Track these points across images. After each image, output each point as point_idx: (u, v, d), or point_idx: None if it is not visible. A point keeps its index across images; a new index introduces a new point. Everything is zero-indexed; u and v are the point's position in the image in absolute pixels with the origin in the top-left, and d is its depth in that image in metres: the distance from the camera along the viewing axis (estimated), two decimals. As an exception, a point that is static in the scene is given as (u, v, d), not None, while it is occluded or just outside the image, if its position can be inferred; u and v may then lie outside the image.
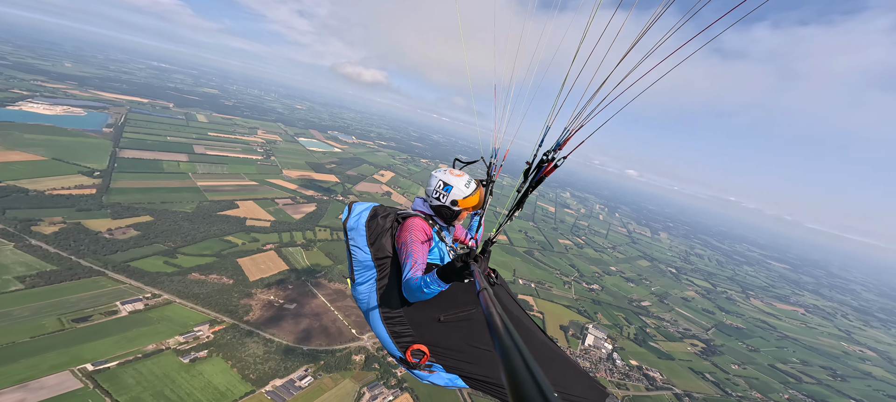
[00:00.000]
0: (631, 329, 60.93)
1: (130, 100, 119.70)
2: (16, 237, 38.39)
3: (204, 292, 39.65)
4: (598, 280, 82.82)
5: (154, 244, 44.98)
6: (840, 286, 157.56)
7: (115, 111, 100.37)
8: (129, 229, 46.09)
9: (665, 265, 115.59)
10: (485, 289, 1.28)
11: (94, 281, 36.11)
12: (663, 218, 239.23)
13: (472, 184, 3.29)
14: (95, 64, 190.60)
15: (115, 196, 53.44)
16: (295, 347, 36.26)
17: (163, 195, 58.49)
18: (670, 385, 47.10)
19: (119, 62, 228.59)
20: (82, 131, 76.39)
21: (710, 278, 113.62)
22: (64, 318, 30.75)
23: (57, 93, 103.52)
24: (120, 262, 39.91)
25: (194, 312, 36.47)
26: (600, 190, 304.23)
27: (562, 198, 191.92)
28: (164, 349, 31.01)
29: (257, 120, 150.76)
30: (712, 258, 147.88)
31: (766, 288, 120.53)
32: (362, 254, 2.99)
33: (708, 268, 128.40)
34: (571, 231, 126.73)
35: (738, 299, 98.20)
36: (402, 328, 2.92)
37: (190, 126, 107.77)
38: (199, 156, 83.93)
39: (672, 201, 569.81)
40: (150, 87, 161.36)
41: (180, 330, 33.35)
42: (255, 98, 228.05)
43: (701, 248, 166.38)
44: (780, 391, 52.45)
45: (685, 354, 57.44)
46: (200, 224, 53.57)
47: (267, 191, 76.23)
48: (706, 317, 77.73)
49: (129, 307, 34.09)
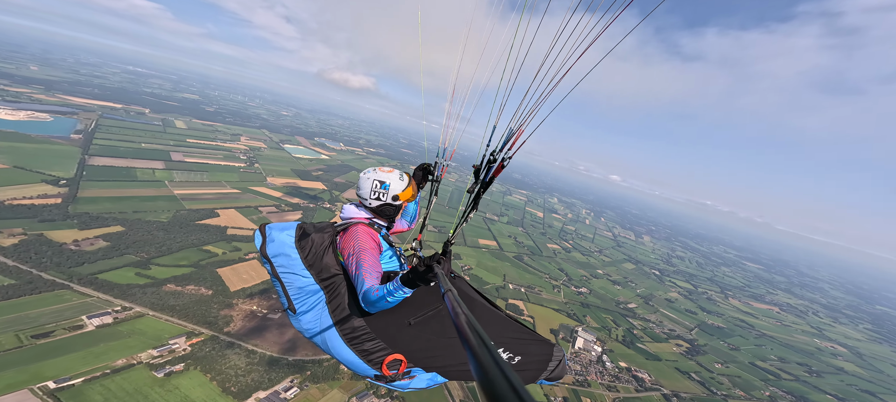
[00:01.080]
0: (619, 331, 62.84)
1: (102, 105, 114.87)
2: (-31, 250, 35.87)
3: (180, 304, 38.11)
4: (586, 283, 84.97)
5: (125, 255, 42.97)
6: (810, 285, 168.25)
7: (84, 117, 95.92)
8: (97, 240, 43.87)
9: (649, 268, 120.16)
10: (449, 290, 1.31)
11: (57, 295, 34.06)
12: (646, 222, 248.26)
13: (404, 177, 3.31)
14: (64, 67, 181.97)
15: (83, 205, 50.86)
16: (279, 357, 35.29)
17: (136, 204, 56.13)
18: (658, 386, 48.53)
19: (91, 66, 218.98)
20: (48, 138, 72.54)
21: (691, 280, 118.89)
22: (22, 334, 28.82)
23: (21, 97, 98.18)
24: (86, 274, 37.88)
25: (169, 324, 34.97)
26: (586, 195, 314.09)
27: (549, 203, 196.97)
28: (136, 363, 29.54)
29: (240, 126, 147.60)
30: (693, 260, 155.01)
31: (743, 288, 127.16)
32: (302, 279, 2.74)
33: (689, 270, 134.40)
34: (560, 236, 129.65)
35: (718, 299, 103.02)
36: (371, 344, 2.73)
37: (167, 132, 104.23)
38: (177, 163, 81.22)
39: (653, 205, 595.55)
40: (124, 91, 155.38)
41: (154, 344, 31.87)
42: (238, 104, 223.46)
43: (682, 250, 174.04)
44: (762, 389, 55.02)
45: (671, 354, 59.53)
46: (177, 234, 51.65)
47: (250, 199, 74.47)
48: (689, 317, 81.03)
49: (97, 321, 32.33)
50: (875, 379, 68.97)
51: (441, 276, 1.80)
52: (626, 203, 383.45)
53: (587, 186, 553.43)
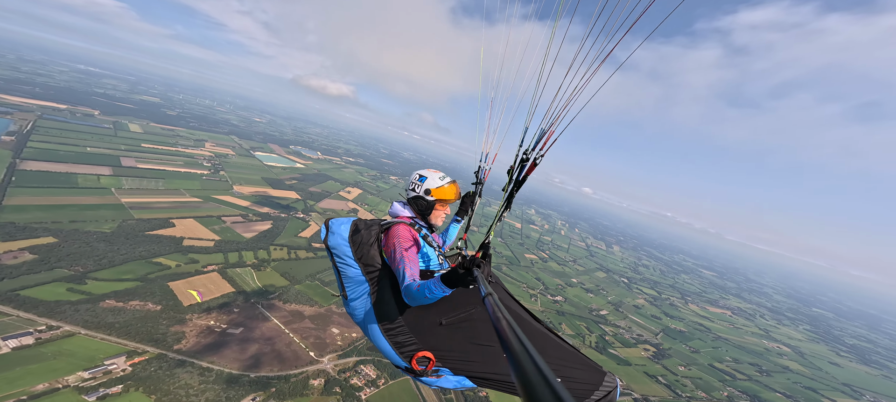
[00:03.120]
0: (592, 338, 65.67)
1: (44, 105, 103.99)
2: None
3: (120, 321, 34.59)
4: (561, 292, 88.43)
5: (55, 270, 38.48)
6: (756, 290, 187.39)
7: (20, 117, 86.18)
8: (22, 253, 38.95)
9: (618, 276, 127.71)
10: (490, 294, 1.30)
11: (-36, 314, 29.54)
12: (616, 232, 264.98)
13: (446, 178, 3.41)
14: (2, 64, 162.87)
15: (8, 215, 45.19)
16: (240, 374, 33.04)
17: (73, 213, 50.80)
18: (629, 391, 50.80)
19: (35, 64, 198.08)
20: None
21: (655, 286, 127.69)
22: (-87, 359, 24.50)
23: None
24: (5, 291, 33.39)
25: (105, 343, 31.53)
26: (561, 207, 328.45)
27: (527, 215, 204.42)
28: (61, 387, 26.17)
29: (206, 132, 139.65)
30: (656, 268, 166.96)
31: (700, 293, 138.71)
32: (352, 270, 3.00)
33: (653, 277, 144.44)
34: (537, 246, 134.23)
35: (679, 304, 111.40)
36: (404, 338, 2.92)
37: (118, 136, 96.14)
38: (128, 169, 74.88)
39: (621, 216, 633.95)
40: (71, 91, 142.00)
41: (85, 365, 28.48)
42: (205, 108, 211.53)
43: (647, 259, 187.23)
44: (720, 390, 58.90)
45: (640, 358, 62.71)
46: (121, 245, 47.23)
47: (212, 208, 70.08)
48: (655, 323, 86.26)
49: (14, 343, 28.38)
50: (816, 377, 76.44)
51: (481, 279, 1.81)
52: (598, 215, 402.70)
53: (562, 198, 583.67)
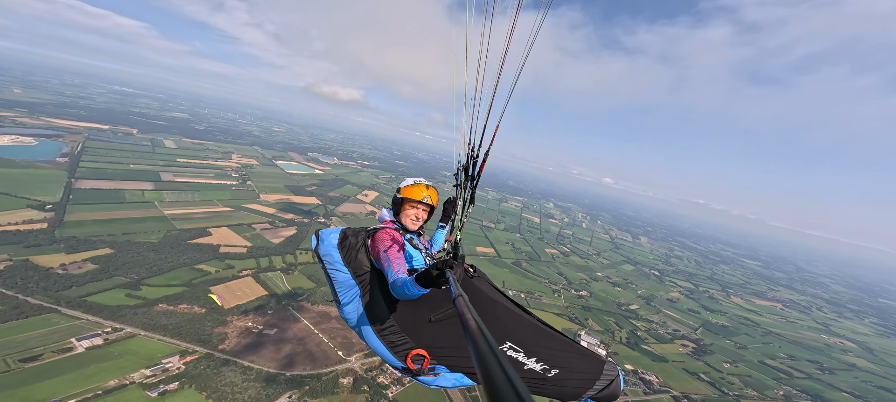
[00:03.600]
0: (622, 333, 63.36)
1: (89, 127, 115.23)
2: (-48, 277, 35.60)
3: (172, 323, 37.93)
4: (586, 287, 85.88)
5: (114, 277, 42.81)
6: (810, 280, 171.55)
7: (70, 139, 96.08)
8: (85, 263, 43.71)
9: (648, 268, 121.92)
10: (460, 295, 1.35)
11: (44, 319, 33.77)
12: (642, 223, 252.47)
13: (418, 181, 3.61)
14: (49, 89, 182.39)
15: (70, 229, 50.76)
16: (277, 373, 35.13)
17: (125, 226, 56.11)
18: (667, 388, 48.53)
19: (76, 87, 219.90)
20: (32, 162, 72.54)
21: (691, 279, 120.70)
22: (9, 359, 28.51)
23: (4, 121, 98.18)
24: (75, 297, 37.65)
25: (162, 343, 34.75)
26: (581, 199, 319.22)
27: (545, 208, 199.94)
28: (129, 383, 29.25)
29: (232, 144, 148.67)
30: (691, 259, 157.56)
31: (744, 285, 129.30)
32: (343, 275, 3.11)
33: (688, 269, 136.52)
34: (557, 240, 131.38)
35: (720, 297, 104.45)
36: (396, 337, 2.98)
37: (156, 153, 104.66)
38: (167, 183, 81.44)
39: (647, 206, 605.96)
40: (111, 112, 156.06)
41: (146, 363, 31.62)
42: (228, 122, 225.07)
43: (679, 250, 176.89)
44: (774, 388, 54.76)
45: (677, 355, 59.78)
46: (168, 254, 51.61)
47: (243, 216, 74.69)
48: (693, 317, 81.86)
49: (86, 343, 32.06)
50: (890, 375, 69.13)
51: (453, 280, 1.90)
52: (622, 205, 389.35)
53: (582, 189, 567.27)
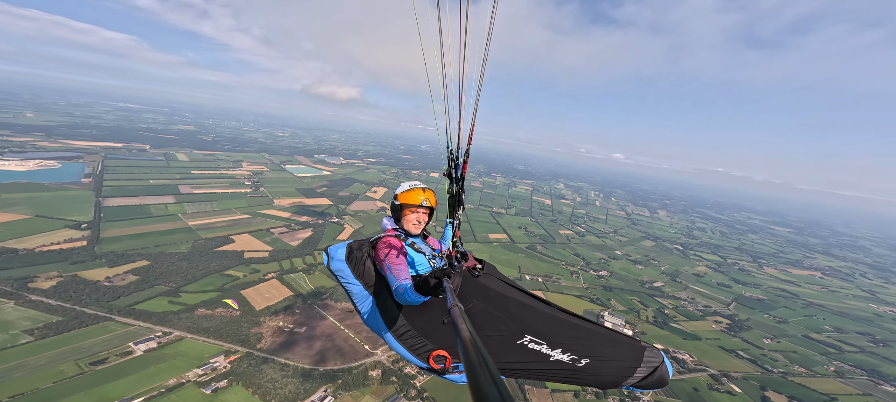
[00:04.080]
0: (648, 312, 63.01)
1: (103, 146, 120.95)
2: (14, 295, 39.68)
3: (213, 326, 41.14)
4: (605, 266, 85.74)
5: (155, 286, 46.41)
6: (849, 244, 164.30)
7: (90, 159, 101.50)
8: (127, 275, 47.49)
9: (670, 243, 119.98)
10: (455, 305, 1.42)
11: (102, 327, 37.46)
12: (658, 196, 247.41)
13: (414, 184, 3.64)
14: (58, 111, 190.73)
15: (108, 245, 54.78)
16: (311, 369, 37.65)
17: (156, 239, 59.96)
18: (703, 366, 47.32)
19: (83, 107, 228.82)
20: (61, 185, 77.47)
21: (717, 251, 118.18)
22: (81, 362, 32.14)
23: (25, 146, 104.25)
24: (124, 306, 41.30)
25: (207, 345, 37.94)
26: (592, 177, 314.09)
27: (556, 189, 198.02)
28: (185, 382, 32.45)
29: (240, 152, 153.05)
30: (715, 231, 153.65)
31: (777, 255, 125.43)
32: (356, 287, 3.26)
33: (713, 241, 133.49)
34: (571, 221, 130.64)
35: (751, 269, 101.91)
36: (415, 341, 3.09)
37: (171, 166, 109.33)
38: (187, 196, 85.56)
39: (663, 178, 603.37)
40: (121, 130, 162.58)
41: (197, 363, 34.80)
42: (233, 130, 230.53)
43: (701, 221, 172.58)
44: (824, 364, 52.17)
45: (711, 332, 58.36)
46: (198, 262, 55.08)
47: (261, 222, 78.01)
48: (723, 291, 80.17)
49: (143, 347, 35.52)
50: None
51: (449, 291, 1.93)
52: (636, 180, 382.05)
53: (592, 167, 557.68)
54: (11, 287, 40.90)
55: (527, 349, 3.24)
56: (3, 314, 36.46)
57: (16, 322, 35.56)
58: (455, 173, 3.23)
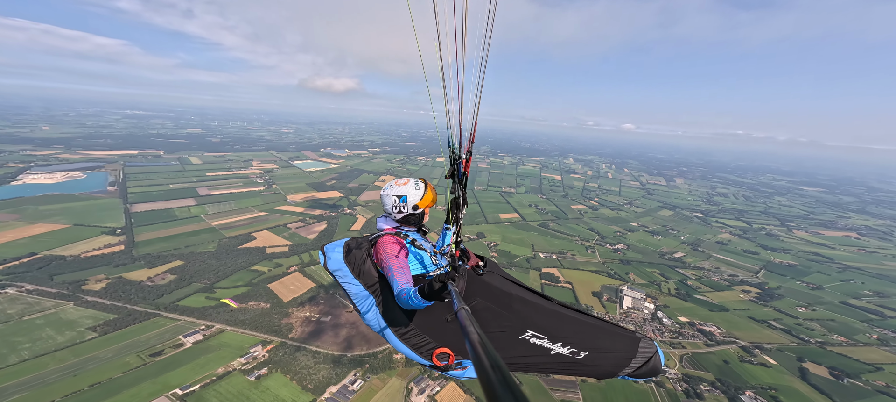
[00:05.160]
0: (670, 284, 62.46)
1: (120, 154, 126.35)
2: (72, 297, 44.25)
3: (248, 318, 44.66)
4: (621, 239, 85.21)
5: (192, 284, 50.28)
6: (887, 201, 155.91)
7: (110, 168, 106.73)
8: (166, 275, 51.57)
9: (689, 211, 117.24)
10: (462, 308, 1.46)
11: (153, 322, 41.58)
12: (674, 164, 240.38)
13: (420, 185, 3.57)
14: (71, 122, 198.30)
15: (144, 248, 59.06)
16: (340, 355, 40.51)
17: (185, 240, 63.94)
18: (732, 338, 46.20)
19: (93, 117, 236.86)
20: (90, 194, 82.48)
21: (742, 217, 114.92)
22: (142, 354, 36.30)
23: (49, 159, 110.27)
24: (168, 303, 45.35)
25: (246, 336, 41.51)
26: (603, 149, 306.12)
27: (565, 164, 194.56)
28: (231, 370, 36.09)
29: (249, 151, 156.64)
30: (738, 195, 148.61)
31: (807, 216, 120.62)
32: (355, 287, 3.22)
33: (736, 206, 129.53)
34: (583, 195, 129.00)
35: (780, 233, 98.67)
36: (418, 340, 3.13)
37: (186, 170, 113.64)
38: (205, 197, 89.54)
39: (678, 146, 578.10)
40: (133, 137, 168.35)
41: (239, 353, 38.38)
42: (239, 130, 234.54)
43: (722, 186, 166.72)
44: (865, 331, 49.67)
45: (739, 302, 56.99)
46: (225, 259, 58.70)
47: (277, 218, 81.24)
48: (750, 259, 78.03)
49: (191, 339, 39.39)
50: None
51: (455, 294, 1.96)
52: (649, 149, 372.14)
53: (602, 140, 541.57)
54: (68, 290, 45.48)
55: (529, 344, 3.36)
56: (66, 314, 41.00)
57: (79, 321, 40.02)
58: (458, 174, 3.20)
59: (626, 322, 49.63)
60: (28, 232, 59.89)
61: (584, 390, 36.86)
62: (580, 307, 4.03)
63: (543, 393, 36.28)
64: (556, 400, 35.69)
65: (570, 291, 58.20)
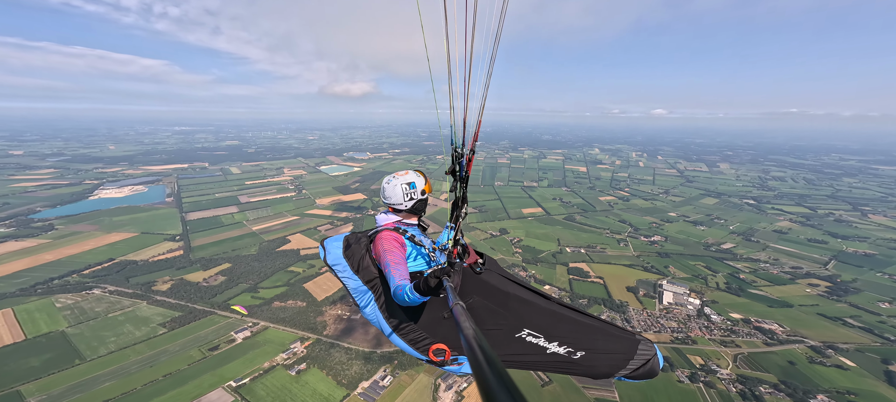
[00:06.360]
0: (718, 278, 57.70)
1: (174, 168, 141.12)
2: (144, 296, 50.82)
3: (288, 316, 48.12)
4: (658, 231, 79.90)
5: (239, 285, 55.25)
6: None
7: (167, 181, 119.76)
8: (217, 276, 57.18)
9: (738, 198, 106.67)
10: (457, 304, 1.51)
11: (210, 319, 46.51)
12: (717, 148, 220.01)
13: (418, 173, 3.72)
14: (131, 141, 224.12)
15: (199, 252, 65.91)
16: (371, 352, 42.23)
17: (231, 244, 70.28)
18: (799, 337, 42.06)
19: (148, 134, 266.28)
20: (152, 206, 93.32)
21: (803, 202, 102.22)
22: (202, 348, 40.93)
23: (118, 176, 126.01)
24: (221, 301, 50.38)
25: (286, 332, 44.88)
26: (632, 137, 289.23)
27: (591, 155, 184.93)
28: (276, 365, 39.32)
29: (280, 159, 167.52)
30: (798, 178, 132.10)
31: (885, 199, 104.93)
32: (354, 282, 3.24)
33: (796, 190, 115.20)
34: (611, 186, 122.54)
35: (852, 219, 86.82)
36: (416, 335, 3.17)
37: (228, 180, 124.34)
38: (246, 204, 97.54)
39: (720, 128, 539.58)
40: (183, 151, 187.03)
41: (281, 349, 41.64)
42: (270, 139, 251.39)
43: (778, 170, 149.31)
44: None
45: (805, 297, 51.65)
46: (266, 262, 63.56)
47: (308, 222, 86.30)
48: (817, 249, 69.80)
49: (241, 336, 43.51)
50: None
51: (450, 290, 1.99)
52: (685, 135, 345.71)
53: (631, 127, 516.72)
54: (141, 290, 52.19)
55: (525, 343, 3.36)
56: (141, 312, 47.21)
57: (151, 317, 45.88)
58: (459, 171, 3.21)
59: (667, 319, 46.90)
60: (106, 240, 69.25)
61: (620, 388, 35.13)
62: (580, 307, 4.17)
63: (576, 391, 35.15)
64: (591, 399, 34.37)
65: (601, 286, 55.66)
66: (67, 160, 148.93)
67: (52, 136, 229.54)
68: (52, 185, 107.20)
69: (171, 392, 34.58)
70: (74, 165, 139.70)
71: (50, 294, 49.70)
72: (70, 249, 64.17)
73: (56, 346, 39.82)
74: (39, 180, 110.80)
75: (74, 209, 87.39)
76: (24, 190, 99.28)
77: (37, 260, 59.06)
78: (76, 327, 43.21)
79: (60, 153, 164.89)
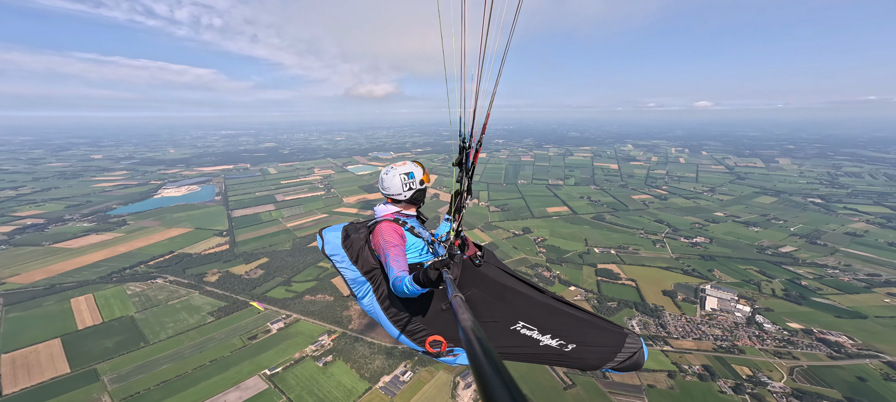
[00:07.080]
0: (774, 284, 51.84)
1: (221, 169, 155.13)
2: (197, 287, 56.48)
3: (317, 309, 50.73)
4: (701, 232, 72.77)
5: (275, 278, 59.36)
6: None
7: (216, 181, 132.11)
8: (257, 270, 61.98)
9: (802, 197, 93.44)
10: (456, 295, 1.48)
11: (249, 310, 50.66)
12: (776, 142, 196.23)
13: (416, 163, 3.76)
14: (187, 145, 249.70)
15: (241, 247, 71.93)
16: (392, 347, 42.85)
17: (269, 240, 75.74)
18: (873, 351, 37.49)
19: (201, 138, 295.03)
20: (204, 204, 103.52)
21: (884, 201, 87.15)
22: (242, 337, 44.61)
23: (176, 177, 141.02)
24: (259, 294, 54.56)
25: (315, 325, 47.39)
26: (671, 132, 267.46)
27: (623, 152, 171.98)
28: (305, 356, 41.70)
29: (310, 160, 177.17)
30: (877, 174, 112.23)
31: None
32: (352, 272, 3.23)
33: (874, 188, 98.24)
34: (646, 184, 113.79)
35: (946, 221, 72.82)
36: (413, 326, 3.17)
37: (266, 180, 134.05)
38: (281, 203, 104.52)
39: (780, 120, 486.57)
40: (229, 154, 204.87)
41: (310, 341, 44.03)
42: (302, 141, 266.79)
43: (851, 165, 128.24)
44: None
45: (882, 307, 45.30)
46: (299, 257, 67.56)
47: (336, 219, 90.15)
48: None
49: (276, 326, 46.72)
50: None
51: (449, 282, 2.03)
52: (735, 127, 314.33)
53: (669, 121, 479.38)
54: (194, 281, 58.11)
55: (519, 335, 3.36)
56: (193, 301, 52.54)
57: (202, 307, 50.88)
58: (465, 162, 3.19)
59: (709, 325, 42.92)
60: (167, 235, 78.07)
61: (650, 396, 32.50)
62: (572, 301, 3.93)
63: (601, 396, 33.21)
64: (614, 404, 32.30)
65: (633, 289, 51.83)
66: (136, 163, 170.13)
67: (124, 141, 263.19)
68: (124, 185, 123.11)
69: (215, 377, 37.97)
70: (142, 167, 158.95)
71: (122, 282, 57.04)
72: (139, 242, 73.31)
73: (126, 329, 45.53)
74: (115, 181, 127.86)
75: (142, 207, 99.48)
76: (103, 190, 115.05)
77: (112, 251, 68.15)
78: (143, 312, 49.17)
79: (131, 157, 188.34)
